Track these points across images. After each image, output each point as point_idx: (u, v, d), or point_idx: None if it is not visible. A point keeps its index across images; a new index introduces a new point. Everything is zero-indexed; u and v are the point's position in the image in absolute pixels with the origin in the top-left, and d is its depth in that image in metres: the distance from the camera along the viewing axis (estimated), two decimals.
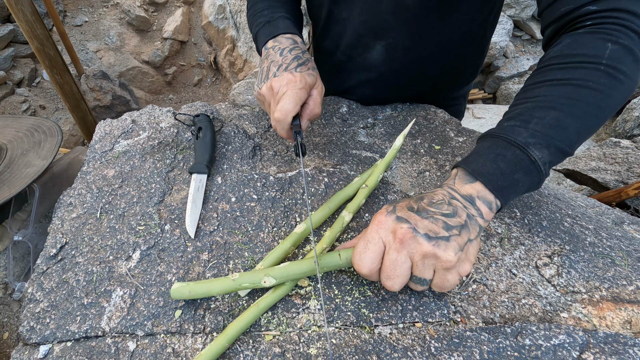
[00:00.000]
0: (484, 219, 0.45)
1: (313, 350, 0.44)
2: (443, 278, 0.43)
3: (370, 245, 0.44)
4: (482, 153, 0.47)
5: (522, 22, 3.84)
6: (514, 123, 0.46)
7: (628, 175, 1.67)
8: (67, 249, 0.56)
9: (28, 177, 0.76)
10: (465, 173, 0.47)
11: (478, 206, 0.45)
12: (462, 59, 0.78)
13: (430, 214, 0.43)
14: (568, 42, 0.47)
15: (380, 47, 0.73)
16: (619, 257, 0.53)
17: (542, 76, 0.47)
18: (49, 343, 0.47)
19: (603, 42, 0.44)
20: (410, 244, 0.41)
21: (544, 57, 0.49)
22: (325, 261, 0.48)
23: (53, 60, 2.05)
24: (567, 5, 0.47)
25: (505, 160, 0.45)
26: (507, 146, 0.45)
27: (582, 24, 0.46)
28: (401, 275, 0.43)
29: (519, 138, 0.44)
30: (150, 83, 3.87)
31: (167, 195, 0.63)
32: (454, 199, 0.45)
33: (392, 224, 0.43)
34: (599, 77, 0.44)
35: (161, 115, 0.80)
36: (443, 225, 0.42)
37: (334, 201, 0.59)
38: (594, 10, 0.45)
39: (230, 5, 3.40)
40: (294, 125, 0.59)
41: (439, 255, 0.41)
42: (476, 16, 0.68)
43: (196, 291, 0.48)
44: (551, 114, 0.44)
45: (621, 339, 0.43)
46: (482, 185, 0.45)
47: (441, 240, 0.41)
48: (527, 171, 0.44)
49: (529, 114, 0.45)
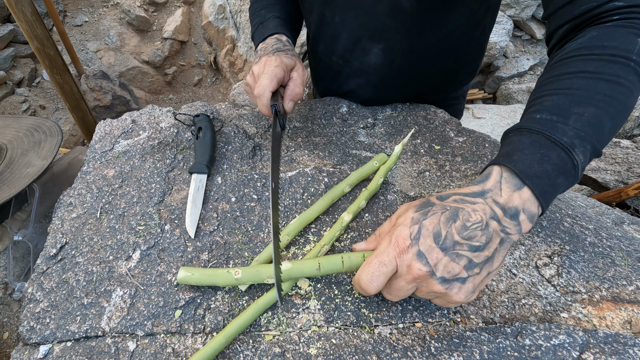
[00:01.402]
0: (521, 234, 0.41)
1: (313, 350, 0.44)
2: (446, 303, 0.42)
3: (383, 269, 0.41)
4: (526, 151, 0.41)
5: (522, 22, 3.84)
6: (551, 117, 0.42)
7: (628, 175, 1.67)
8: (67, 249, 0.56)
9: (28, 177, 0.76)
10: (512, 175, 0.41)
11: (520, 221, 0.40)
12: (460, 59, 0.78)
13: (456, 249, 0.38)
14: (595, 34, 0.44)
15: (377, 50, 0.73)
16: (619, 257, 0.53)
17: (570, 67, 0.44)
18: (49, 343, 0.47)
19: (634, 37, 0.42)
20: (422, 282, 0.40)
21: (567, 48, 0.46)
22: (327, 265, 0.47)
23: (53, 60, 2.05)
24: (590, 3, 0.45)
25: (551, 162, 0.40)
26: (552, 146, 0.41)
27: (609, 18, 0.44)
28: (403, 296, 0.42)
29: (564, 138, 0.40)
30: (150, 83, 3.87)
31: (167, 195, 0.63)
32: (493, 220, 0.39)
33: (410, 258, 0.40)
34: (628, 73, 0.41)
35: (161, 115, 0.80)
36: (466, 264, 0.38)
37: (330, 195, 0.60)
38: (620, 6, 0.43)
39: (230, 5, 3.40)
40: (273, 105, 0.61)
41: (449, 295, 0.39)
42: (473, 16, 0.68)
43: (201, 281, 0.49)
44: (589, 110, 0.41)
45: (621, 339, 0.43)
46: (530, 191, 0.40)
47: (457, 282, 0.39)
48: (568, 175, 0.41)
49: (566, 108, 0.41)
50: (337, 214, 0.60)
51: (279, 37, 0.70)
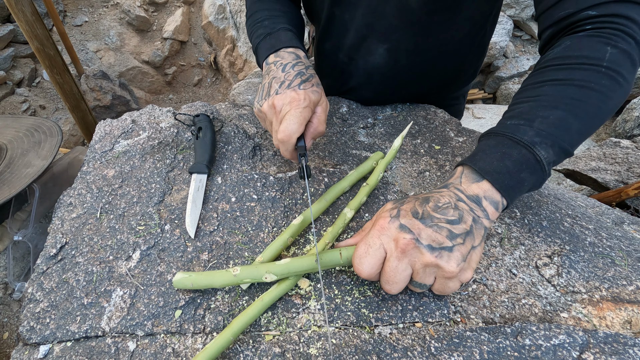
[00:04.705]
0: (490, 219, 0.45)
1: (313, 350, 0.44)
2: (444, 285, 0.43)
3: (370, 251, 0.43)
4: (487, 151, 0.47)
5: (522, 22, 3.84)
6: (517, 122, 0.46)
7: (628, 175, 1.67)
8: (67, 249, 0.56)
9: (28, 177, 0.76)
10: (472, 171, 0.47)
11: (484, 207, 0.44)
12: (463, 60, 0.78)
13: (435, 221, 0.42)
14: (568, 44, 0.47)
15: (382, 50, 0.73)
16: (619, 257, 0.53)
17: (543, 76, 0.48)
18: (49, 343, 0.47)
19: (603, 46, 0.44)
20: (412, 254, 0.42)
21: (544, 58, 0.49)
22: (326, 259, 0.48)
23: (53, 60, 2.05)
24: (567, 10, 0.47)
25: (512, 159, 0.45)
26: (513, 145, 0.45)
27: (582, 28, 0.47)
28: (400, 281, 0.43)
29: (524, 137, 0.44)
30: (150, 83, 3.87)
31: (167, 195, 0.63)
32: (460, 201, 0.44)
33: (394, 231, 0.43)
34: (599, 78, 0.44)
35: (161, 115, 0.80)
36: (447, 234, 0.41)
37: (330, 194, 0.60)
38: (593, 15, 0.46)
39: (230, 5, 3.40)
40: (298, 146, 0.56)
41: (441, 266, 0.41)
42: (478, 16, 0.68)
43: (198, 282, 0.49)
44: (555, 113, 0.44)
45: (621, 339, 0.43)
46: (489, 184, 0.45)
47: (444, 251, 0.41)
48: (533, 170, 0.45)
49: (532, 112, 0.46)
50: (337, 213, 0.60)
51: (297, 53, 0.62)
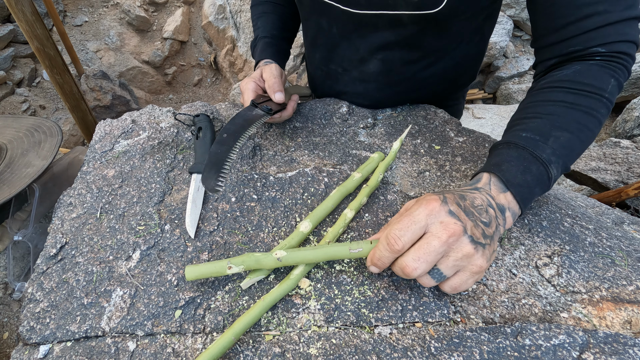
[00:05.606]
0: (505, 228, 0.48)
1: (313, 350, 0.44)
2: (464, 280, 0.44)
3: (414, 227, 0.42)
4: (513, 163, 0.50)
5: (522, 22, 3.84)
6: (533, 136, 0.50)
7: (628, 175, 1.67)
8: (67, 249, 0.56)
9: (28, 177, 0.76)
10: (499, 181, 0.49)
11: (506, 217, 0.47)
12: (459, 65, 0.77)
13: (474, 217, 0.44)
14: (578, 68, 0.52)
15: (376, 60, 0.73)
16: (619, 257, 0.53)
17: (554, 96, 0.52)
18: (49, 343, 0.47)
19: (608, 77, 0.50)
20: (456, 241, 0.42)
21: (553, 77, 0.54)
22: (334, 248, 0.49)
23: (53, 60, 2.05)
24: (575, 47, 0.52)
25: (531, 174, 0.49)
26: (533, 160, 0.49)
27: (592, 58, 0.52)
28: (430, 262, 0.42)
29: (543, 155, 0.49)
30: (150, 83, 3.87)
31: (167, 195, 0.63)
32: (490, 207, 0.46)
33: (444, 216, 0.43)
34: (600, 107, 0.50)
35: (161, 115, 0.80)
36: (482, 232, 0.43)
37: (334, 198, 0.60)
38: (602, 52, 0.51)
39: (230, 5, 3.40)
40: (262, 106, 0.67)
41: (476, 259, 0.42)
42: (473, 24, 0.67)
43: (206, 270, 0.50)
44: (565, 135, 0.49)
45: (621, 339, 0.43)
46: (512, 196, 0.48)
47: (480, 246, 0.42)
48: (543, 186, 0.50)
49: (547, 131, 0.50)
50: (337, 214, 0.60)
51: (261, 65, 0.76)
